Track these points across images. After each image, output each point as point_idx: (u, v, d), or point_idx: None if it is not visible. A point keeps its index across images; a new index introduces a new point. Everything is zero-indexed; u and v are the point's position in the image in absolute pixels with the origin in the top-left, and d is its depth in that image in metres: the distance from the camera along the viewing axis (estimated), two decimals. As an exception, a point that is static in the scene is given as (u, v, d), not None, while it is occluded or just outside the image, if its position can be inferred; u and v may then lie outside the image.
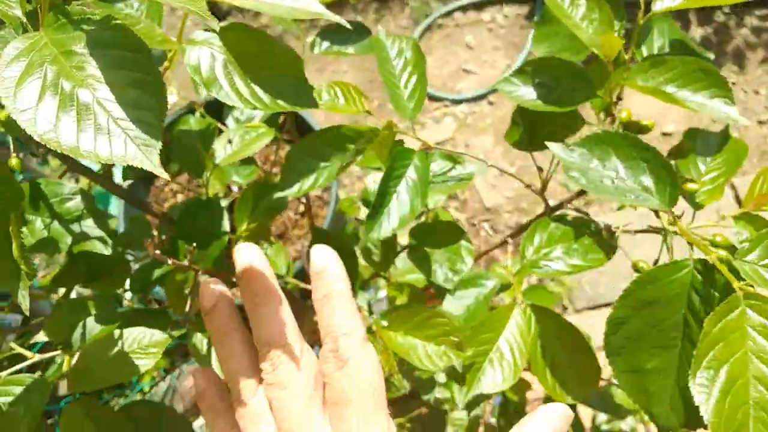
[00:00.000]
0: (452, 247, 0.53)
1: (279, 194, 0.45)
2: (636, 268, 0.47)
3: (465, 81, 1.96)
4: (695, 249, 0.37)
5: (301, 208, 1.60)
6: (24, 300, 0.32)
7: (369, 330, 0.47)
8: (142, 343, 0.42)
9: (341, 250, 0.52)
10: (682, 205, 0.48)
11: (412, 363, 0.44)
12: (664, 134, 1.80)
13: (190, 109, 0.66)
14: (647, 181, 0.38)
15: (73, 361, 0.46)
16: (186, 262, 0.47)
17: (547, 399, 0.83)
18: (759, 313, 0.31)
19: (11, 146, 0.47)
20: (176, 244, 0.53)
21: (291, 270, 0.80)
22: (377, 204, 0.45)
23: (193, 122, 0.62)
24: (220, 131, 0.65)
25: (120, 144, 0.24)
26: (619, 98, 0.53)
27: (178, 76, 1.79)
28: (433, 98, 1.96)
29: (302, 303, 0.66)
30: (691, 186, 0.42)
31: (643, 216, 0.55)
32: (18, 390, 0.43)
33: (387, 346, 0.45)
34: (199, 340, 0.50)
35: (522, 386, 0.79)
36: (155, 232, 0.60)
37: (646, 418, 0.79)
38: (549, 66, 0.49)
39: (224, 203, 0.61)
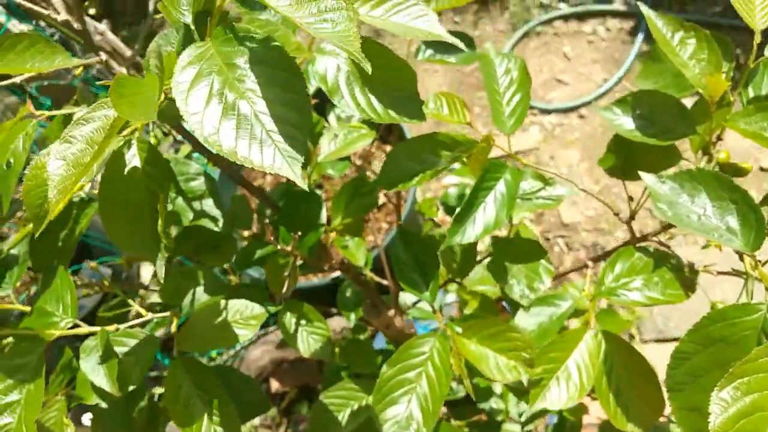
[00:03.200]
0: (531, 265, 0.55)
1: (379, 185, 0.49)
2: (713, 309, 0.47)
3: (557, 91, 1.94)
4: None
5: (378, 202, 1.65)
6: (160, 269, 0.37)
7: (443, 333, 0.50)
8: (244, 315, 0.47)
9: (426, 251, 0.56)
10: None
11: (482, 372, 0.47)
12: (762, 169, 1.72)
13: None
14: (733, 222, 0.39)
15: (175, 324, 0.52)
16: (288, 248, 0.52)
17: (605, 425, 0.83)
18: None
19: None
20: (278, 229, 0.58)
21: (369, 262, 0.85)
22: (464, 211, 0.48)
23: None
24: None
25: (270, 154, 0.28)
26: (719, 138, 0.53)
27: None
28: (522, 106, 1.95)
29: (378, 296, 0.70)
30: (783, 236, 0.42)
31: (727, 256, 0.55)
32: (132, 342, 0.49)
33: (460, 352, 0.48)
34: (288, 320, 0.55)
35: (580, 408, 0.80)
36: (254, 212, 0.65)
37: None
38: (651, 99, 0.50)
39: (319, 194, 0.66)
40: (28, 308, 0.54)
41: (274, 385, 1.79)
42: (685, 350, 0.39)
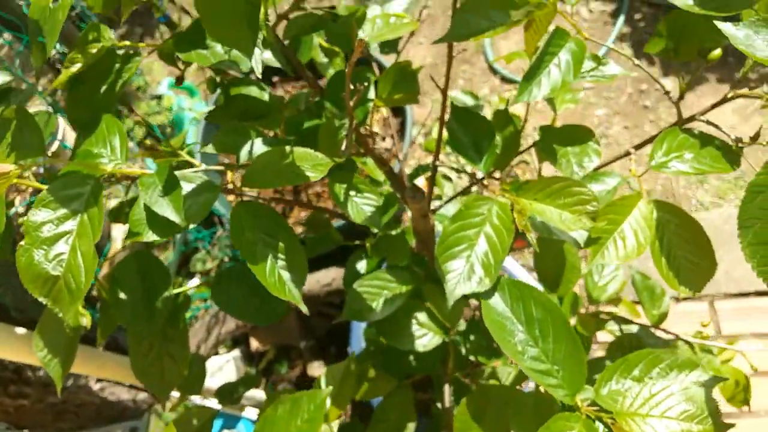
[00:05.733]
0: (580, 147, 0.56)
1: (446, 40, 0.49)
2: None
3: (540, 68, 1.98)
4: None
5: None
6: (257, 65, 0.36)
7: (500, 196, 0.51)
8: (309, 161, 0.46)
9: (481, 129, 0.56)
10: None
11: (547, 222, 0.47)
12: None
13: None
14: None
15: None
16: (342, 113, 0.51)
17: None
18: None
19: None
20: (323, 105, 0.58)
21: (386, 181, 0.84)
22: (531, 74, 0.49)
23: (343, 8, 0.66)
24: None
25: None
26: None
27: None
28: (506, 80, 1.99)
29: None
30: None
31: None
32: (189, 187, 0.48)
33: (522, 209, 0.48)
34: (338, 188, 0.54)
35: (591, 326, 0.82)
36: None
37: None
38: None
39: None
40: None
41: (254, 344, 1.75)
42: (760, 183, 0.40)
